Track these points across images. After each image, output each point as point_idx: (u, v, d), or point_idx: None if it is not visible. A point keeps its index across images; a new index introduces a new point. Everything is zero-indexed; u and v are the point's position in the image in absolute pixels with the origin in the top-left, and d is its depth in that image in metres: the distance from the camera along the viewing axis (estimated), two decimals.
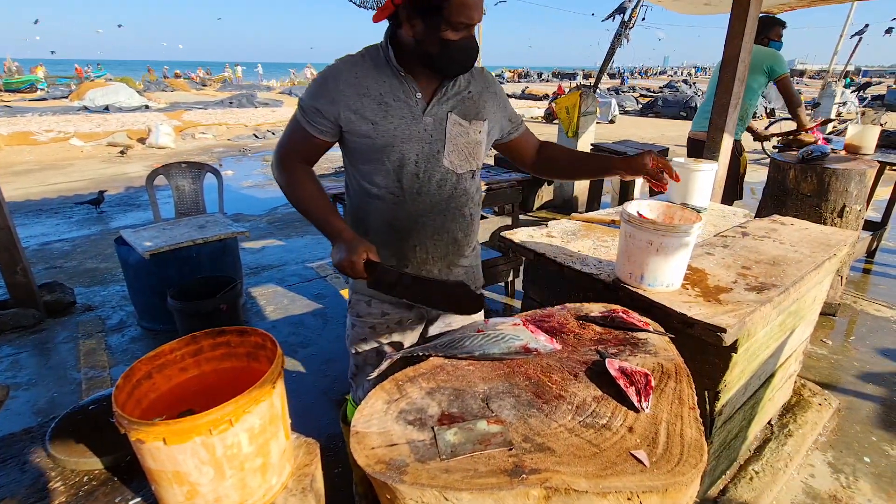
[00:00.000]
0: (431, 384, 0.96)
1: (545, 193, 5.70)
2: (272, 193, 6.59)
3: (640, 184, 5.15)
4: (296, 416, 0.92)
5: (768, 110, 14.16)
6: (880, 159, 3.35)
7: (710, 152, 2.90)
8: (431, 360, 1.04)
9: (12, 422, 2.30)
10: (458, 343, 1.06)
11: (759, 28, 3.10)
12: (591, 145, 4.95)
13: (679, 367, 1.03)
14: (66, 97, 17.60)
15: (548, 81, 40.85)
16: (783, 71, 3.21)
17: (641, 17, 5.75)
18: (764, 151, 4.14)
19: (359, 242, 1.14)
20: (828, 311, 3.14)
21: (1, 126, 10.39)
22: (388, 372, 1.03)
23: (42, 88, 21.44)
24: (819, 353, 2.82)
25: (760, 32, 3.17)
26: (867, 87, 16.97)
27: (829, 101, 10.50)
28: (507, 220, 3.51)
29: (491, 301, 3.50)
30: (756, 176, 6.56)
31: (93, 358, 2.80)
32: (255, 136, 11.47)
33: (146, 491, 0.83)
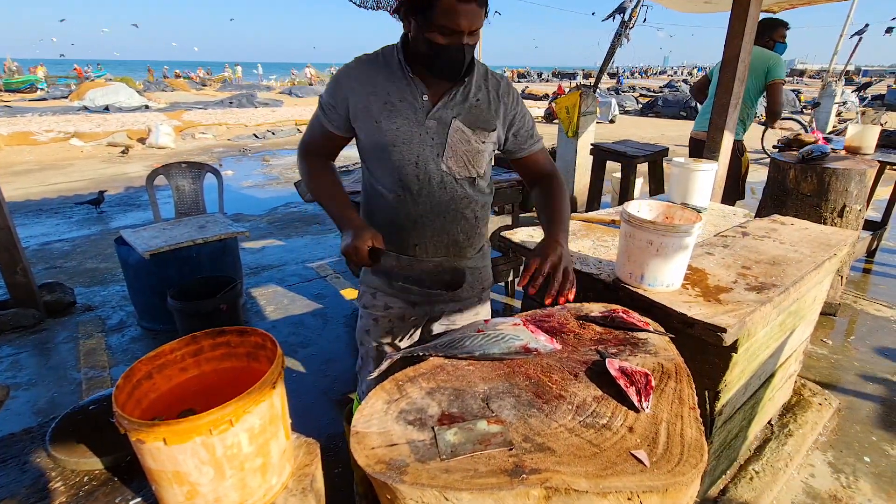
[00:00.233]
0: (431, 384, 0.95)
1: None
2: (272, 193, 6.58)
3: (641, 184, 5.15)
4: (296, 416, 0.92)
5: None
6: (880, 159, 3.36)
7: (709, 152, 2.91)
8: (431, 360, 1.04)
9: (12, 422, 2.31)
10: (458, 343, 1.06)
11: (763, 30, 3.09)
12: (592, 145, 4.94)
13: (679, 367, 1.02)
14: (66, 97, 17.62)
15: (548, 81, 40.86)
16: (778, 76, 3.20)
17: (642, 19, 5.74)
18: (764, 151, 4.14)
19: (365, 229, 1.17)
20: (828, 311, 3.14)
21: (1, 126, 10.39)
22: (388, 372, 1.03)
23: (42, 88, 21.48)
24: (819, 353, 2.82)
25: (764, 34, 3.16)
26: (867, 86, 16.95)
27: (829, 100, 10.46)
28: (507, 219, 3.52)
29: (491, 301, 3.50)
30: (756, 176, 6.55)
31: (93, 358, 2.80)
32: (255, 136, 11.47)
33: (146, 491, 0.83)
